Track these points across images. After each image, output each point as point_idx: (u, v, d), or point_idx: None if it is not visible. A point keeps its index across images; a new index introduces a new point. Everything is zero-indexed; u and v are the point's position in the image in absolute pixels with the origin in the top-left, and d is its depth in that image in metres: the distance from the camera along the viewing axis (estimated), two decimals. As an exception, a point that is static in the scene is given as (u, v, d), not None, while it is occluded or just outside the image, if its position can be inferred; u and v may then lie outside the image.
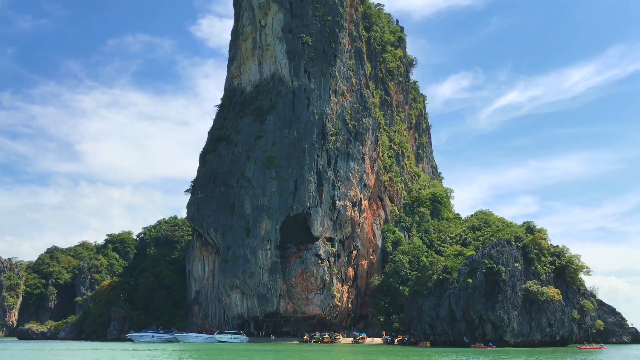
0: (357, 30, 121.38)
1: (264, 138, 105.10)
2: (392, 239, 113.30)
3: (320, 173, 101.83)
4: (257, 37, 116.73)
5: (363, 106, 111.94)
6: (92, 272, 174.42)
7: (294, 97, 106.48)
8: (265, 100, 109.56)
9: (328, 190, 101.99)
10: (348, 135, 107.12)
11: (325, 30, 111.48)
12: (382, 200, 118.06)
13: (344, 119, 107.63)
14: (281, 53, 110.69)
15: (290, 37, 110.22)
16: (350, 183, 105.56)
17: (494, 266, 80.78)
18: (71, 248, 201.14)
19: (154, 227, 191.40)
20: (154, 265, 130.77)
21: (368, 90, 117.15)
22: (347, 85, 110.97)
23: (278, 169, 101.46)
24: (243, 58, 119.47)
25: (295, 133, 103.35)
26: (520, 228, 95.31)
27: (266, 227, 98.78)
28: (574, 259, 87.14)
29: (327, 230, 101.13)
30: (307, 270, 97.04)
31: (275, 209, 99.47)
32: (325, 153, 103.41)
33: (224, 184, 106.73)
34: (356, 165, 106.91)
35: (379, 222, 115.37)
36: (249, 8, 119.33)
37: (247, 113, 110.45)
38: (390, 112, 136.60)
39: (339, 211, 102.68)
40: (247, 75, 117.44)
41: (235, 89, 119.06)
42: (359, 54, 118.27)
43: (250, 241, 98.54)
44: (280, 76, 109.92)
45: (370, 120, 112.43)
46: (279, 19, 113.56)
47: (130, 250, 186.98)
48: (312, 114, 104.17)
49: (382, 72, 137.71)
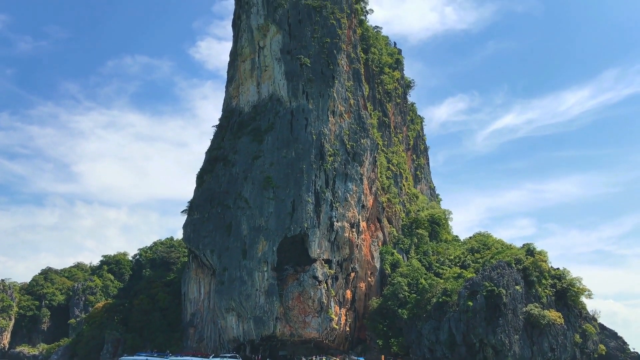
0: (355, 52, 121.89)
1: (261, 158, 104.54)
2: (390, 261, 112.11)
3: (318, 194, 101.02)
4: (256, 58, 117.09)
5: (361, 127, 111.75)
6: (86, 293, 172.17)
7: (292, 118, 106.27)
8: (264, 120, 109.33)
9: (326, 211, 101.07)
10: (346, 156, 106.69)
11: (323, 51, 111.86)
12: (381, 221, 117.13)
13: (342, 140, 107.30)
14: (279, 74, 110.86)
15: (288, 58, 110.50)
16: (349, 204, 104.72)
17: (494, 289, 79.71)
18: (66, 269, 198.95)
19: (149, 248, 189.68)
20: (149, 287, 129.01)
21: (366, 111, 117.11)
22: (345, 106, 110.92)
23: (275, 190, 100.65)
24: (241, 79, 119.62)
25: (293, 153, 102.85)
26: (520, 250, 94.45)
27: (263, 248, 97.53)
28: (575, 282, 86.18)
29: (324, 251, 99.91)
30: (304, 293, 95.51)
31: (272, 230, 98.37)
32: (323, 174, 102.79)
33: (221, 205, 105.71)
34: (354, 186, 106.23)
35: (378, 244, 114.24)
36: (247, 29, 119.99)
37: (245, 133, 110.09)
38: (388, 134, 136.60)
39: (337, 232, 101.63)
40: (245, 95, 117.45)
41: (234, 110, 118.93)
42: (357, 75, 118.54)
43: (247, 263, 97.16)
44: (279, 97, 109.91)
45: (369, 141, 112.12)
46: (278, 41, 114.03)
47: (126, 272, 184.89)
48: (310, 134, 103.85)
49: (380, 94, 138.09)
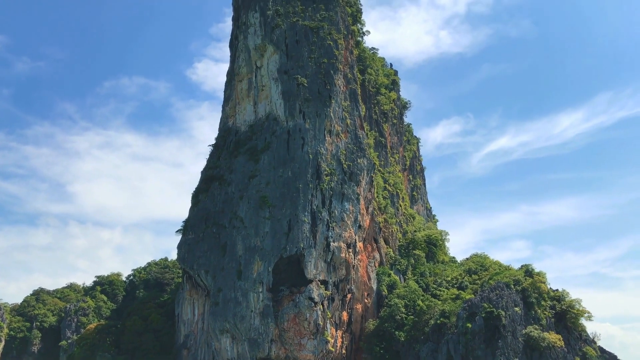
0: (352, 73, 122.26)
1: (257, 177, 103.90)
2: (387, 282, 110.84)
3: (315, 213, 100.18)
4: (253, 77, 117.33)
5: (358, 147, 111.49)
6: (78, 315, 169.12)
7: (288, 137, 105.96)
8: (260, 140, 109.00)
9: (322, 231, 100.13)
10: (343, 175, 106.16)
11: (320, 71, 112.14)
12: (377, 242, 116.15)
13: (339, 159, 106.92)
14: (276, 93, 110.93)
15: (285, 78, 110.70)
16: (345, 224, 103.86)
17: (493, 310, 78.59)
18: (58, 290, 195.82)
19: (143, 269, 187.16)
20: (142, 308, 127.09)
21: (363, 131, 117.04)
22: (342, 126, 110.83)
23: (271, 209, 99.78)
24: (238, 98, 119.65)
25: (289, 173, 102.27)
26: (519, 271, 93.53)
27: (258, 268, 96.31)
28: (575, 304, 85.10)
29: (321, 272, 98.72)
30: (300, 314, 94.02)
31: (268, 250, 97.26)
32: (320, 193, 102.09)
33: (216, 224, 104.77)
34: (351, 205, 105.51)
35: (374, 265, 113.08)
36: (245, 49, 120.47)
37: (241, 153, 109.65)
38: (385, 154, 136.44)
39: (334, 253, 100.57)
40: (242, 115, 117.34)
41: (230, 129, 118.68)
42: (354, 95, 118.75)
43: (242, 283, 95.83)
44: (275, 116, 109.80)
45: (365, 160, 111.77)
46: (275, 61, 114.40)
47: (119, 293, 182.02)
48: (306, 153, 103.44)
49: (376, 114, 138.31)
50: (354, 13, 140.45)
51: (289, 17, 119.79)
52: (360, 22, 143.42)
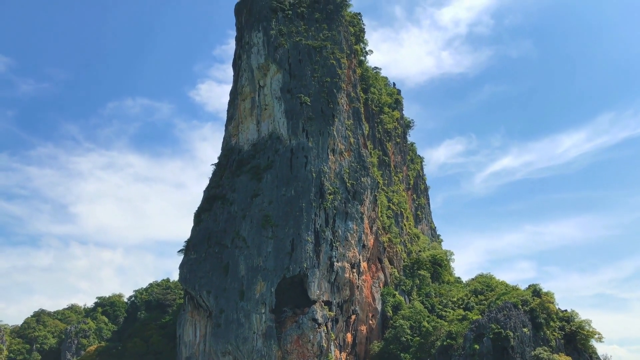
0: (355, 92, 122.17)
1: (260, 196, 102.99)
2: (392, 303, 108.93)
3: (318, 233, 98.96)
4: (256, 97, 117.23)
5: (361, 165, 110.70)
6: (79, 336, 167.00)
7: (291, 156, 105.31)
8: (263, 158, 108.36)
9: (326, 250, 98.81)
10: (346, 194, 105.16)
11: (323, 90, 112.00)
12: (382, 262, 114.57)
13: (342, 178, 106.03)
14: (280, 112, 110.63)
15: (288, 96, 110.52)
16: (349, 243, 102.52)
17: (501, 331, 76.78)
18: (59, 311, 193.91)
19: (145, 290, 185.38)
20: (144, 329, 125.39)
21: (366, 150, 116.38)
22: (345, 145, 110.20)
23: (274, 229, 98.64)
24: (241, 117, 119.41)
25: (292, 191, 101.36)
26: (526, 291, 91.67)
27: (261, 289, 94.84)
28: (585, 325, 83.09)
29: (324, 293, 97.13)
30: (303, 336, 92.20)
31: (270, 270, 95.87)
32: (323, 212, 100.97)
33: (219, 244, 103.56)
34: (355, 225, 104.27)
35: (379, 285, 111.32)
36: (248, 69, 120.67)
37: (244, 171, 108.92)
38: (389, 173, 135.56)
39: (337, 273, 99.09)
40: (245, 134, 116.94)
41: (233, 148, 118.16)
42: (357, 114, 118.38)
43: (244, 304, 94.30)
44: (279, 135, 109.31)
45: (369, 179, 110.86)
46: (278, 80, 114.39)
47: (120, 314, 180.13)
48: (310, 172, 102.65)
49: (379, 133, 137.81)
50: (357, 33, 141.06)
51: (292, 37, 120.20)
52: (363, 41, 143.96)
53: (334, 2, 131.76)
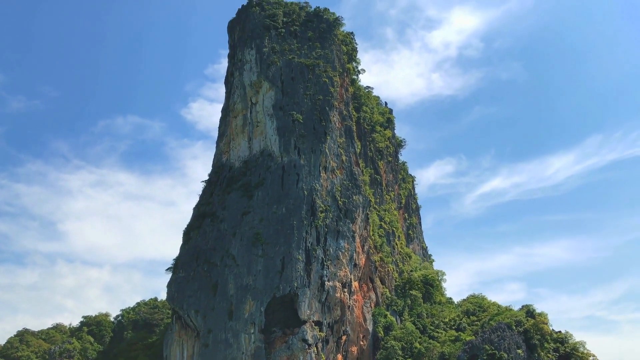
0: (347, 110, 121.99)
1: (251, 214, 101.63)
2: (383, 324, 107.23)
3: (309, 251, 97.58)
4: (248, 114, 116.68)
5: (353, 183, 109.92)
6: (63, 357, 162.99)
7: (283, 173, 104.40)
8: (254, 175, 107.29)
9: (317, 269, 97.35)
10: (338, 212, 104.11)
11: (316, 108, 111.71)
12: (373, 281, 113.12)
13: (334, 196, 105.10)
14: (271, 129, 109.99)
15: (281, 114, 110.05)
16: (340, 262, 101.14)
17: (495, 352, 75.63)
18: (43, 331, 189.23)
19: (132, 309, 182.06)
20: (129, 349, 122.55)
21: (358, 168, 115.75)
22: (337, 162, 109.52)
23: (265, 247, 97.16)
24: (233, 134, 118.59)
25: (283, 209, 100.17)
26: (520, 312, 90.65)
27: (250, 308, 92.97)
28: (579, 346, 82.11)
29: (315, 313, 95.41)
30: (293, 357, 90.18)
31: (260, 289, 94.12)
32: (315, 230, 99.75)
33: (208, 262, 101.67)
34: (346, 243, 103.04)
35: (370, 305, 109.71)
36: (240, 86, 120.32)
37: (234, 189, 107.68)
38: (380, 191, 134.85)
39: (328, 292, 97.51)
40: (236, 151, 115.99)
41: (224, 165, 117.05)
42: (349, 132, 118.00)
43: (233, 324, 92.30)
44: (270, 152, 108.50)
45: (361, 197, 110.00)
46: (270, 97, 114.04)
47: (107, 334, 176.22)
48: (301, 190, 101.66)
49: (371, 151, 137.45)
50: (349, 52, 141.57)
51: (284, 55, 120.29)
52: (355, 60, 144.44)
53: (327, 21, 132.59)
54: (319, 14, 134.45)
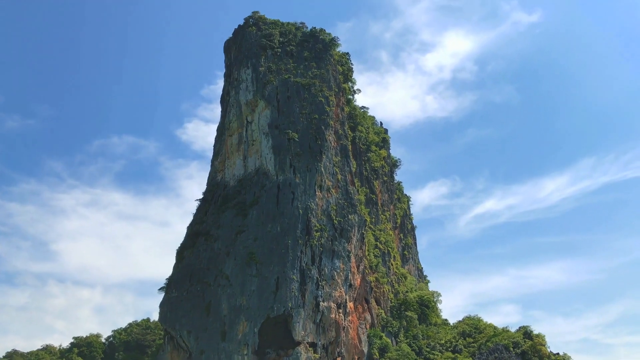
0: (342, 129, 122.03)
1: (245, 233, 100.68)
2: (378, 345, 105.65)
3: (304, 271, 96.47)
4: (243, 132, 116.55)
5: (349, 202, 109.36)
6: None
7: (278, 192, 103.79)
8: (249, 194, 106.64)
9: (311, 290, 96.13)
10: (333, 231, 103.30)
11: (311, 127, 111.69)
12: (369, 302, 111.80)
13: (329, 215, 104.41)
14: (267, 148, 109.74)
15: (276, 132, 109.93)
16: (335, 283, 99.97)
17: (492, 375, 74.28)
18: (33, 352, 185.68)
19: (124, 329, 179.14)
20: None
21: (354, 187, 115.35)
22: (333, 181, 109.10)
23: (259, 266, 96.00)
24: (228, 153, 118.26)
25: (278, 228, 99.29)
26: (517, 333, 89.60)
27: (244, 329, 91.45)
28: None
29: (309, 334, 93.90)
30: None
31: (254, 309, 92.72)
32: (310, 250, 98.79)
33: (201, 282, 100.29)
34: (341, 263, 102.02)
35: (365, 327, 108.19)
36: (236, 105, 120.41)
37: (229, 207, 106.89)
38: (376, 211, 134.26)
39: (323, 313, 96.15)
40: (231, 169, 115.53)
41: (219, 183, 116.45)
42: (345, 151, 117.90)
43: (226, 345, 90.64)
44: (265, 170, 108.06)
45: (356, 217, 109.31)
46: (266, 116, 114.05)
47: (97, 355, 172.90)
48: (296, 208, 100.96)
49: (367, 171, 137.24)
50: (345, 72, 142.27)
51: (280, 74, 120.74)
52: (351, 80, 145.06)
53: (322, 41, 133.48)
54: (315, 34, 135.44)
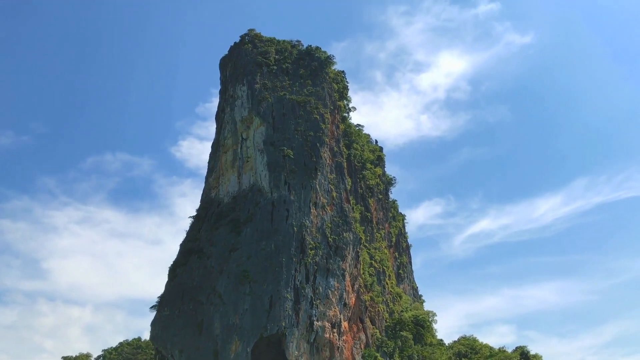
0: (338, 146, 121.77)
1: (239, 250, 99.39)
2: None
3: (298, 290, 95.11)
4: (238, 149, 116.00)
5: (344, 220, 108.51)
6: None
7: (272, 209, 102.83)
8: (243, 211, 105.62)
9: (306, 309, 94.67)
10: (328, 249, 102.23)
11: (306, 144, 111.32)
12: (363, 321, 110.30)
13: (324, 233, 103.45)
14: (262, 165, 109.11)
15: (271, 149, 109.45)
16: (330, 302, 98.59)
17: (489, 397, 72.89)
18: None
19: (115, 349, 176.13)
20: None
21: (349, 204, 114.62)
22: (328, 199, 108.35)
23: (252, 284, 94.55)
24: (222, 169, 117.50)
25: (272, 246, 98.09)
26: (514, 353, 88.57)
27: (236, 349, 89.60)
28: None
29: (303, 354, 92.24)
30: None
31: (247, 328, 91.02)
32: (304, 268, 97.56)
33: (193, 300, 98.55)
34: (336, 282, 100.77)
35: (360, 346, 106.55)
36: (231, 121, 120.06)
37: (222, 224, 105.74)
38: (371, 229, 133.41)
39: (317, 333, 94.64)
40: (225, 186, 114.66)
41: (213, 200, 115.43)
42: (340, 168, 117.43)
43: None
44: (260, 187, 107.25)
45: (351, 235, 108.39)
46: (261, 132, 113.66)
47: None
48: (291, 226, 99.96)
49: (362, 189, 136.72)
50: (340, 89, 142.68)
51: (276, 91, 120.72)
52: (346, 98, 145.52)
53: (318, 59, 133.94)
54: (311, 52, 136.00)
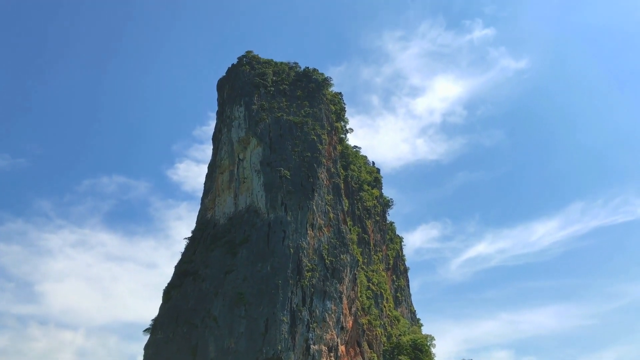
0: (335, 167, 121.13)
1: (234, 273, 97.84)
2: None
3: (294, 312, 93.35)
4: (235, 170, 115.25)
5: (341, 242, 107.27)
6: None
7: (269, 230, 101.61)
8: (239, 232, 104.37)
9: (302, 332, 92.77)
10: (325, 271, 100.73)
11: (304, 164, 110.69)
12: (361, 345, 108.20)
13: (321, 254, 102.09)
14: (258, 185, 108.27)
15: (268, 170, 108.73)
16: (327, 325, 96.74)
17: None
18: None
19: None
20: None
21: (346, 226, 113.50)
22: (325, 220, 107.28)
23: (248, 307, 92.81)
24: (218, 190, 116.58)
25: (268, 267, 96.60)
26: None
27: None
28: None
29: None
30: None
31: (242, 352, 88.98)
32: (300, 290, 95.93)
33: (188, 323, 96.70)
34: (333, 305, 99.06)
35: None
36: (228, 142, 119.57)
37: (218, 246, 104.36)
38: (368, 251, 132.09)
39: (314, 357, 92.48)
40: (221, 207, 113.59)
41: (208, 222, 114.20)
42: (337, 189, 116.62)
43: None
44: (256, 208, 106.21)
45: (349, 257, 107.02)
46: (258, 153, 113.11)
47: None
48: (287, 247, 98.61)
49: (359, 210, 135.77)
50: (338, 111, 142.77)
51: (273, 112, 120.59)
52: (343, 119, 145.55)
53: (315, 80, 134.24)
54: (308, 74, 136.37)
